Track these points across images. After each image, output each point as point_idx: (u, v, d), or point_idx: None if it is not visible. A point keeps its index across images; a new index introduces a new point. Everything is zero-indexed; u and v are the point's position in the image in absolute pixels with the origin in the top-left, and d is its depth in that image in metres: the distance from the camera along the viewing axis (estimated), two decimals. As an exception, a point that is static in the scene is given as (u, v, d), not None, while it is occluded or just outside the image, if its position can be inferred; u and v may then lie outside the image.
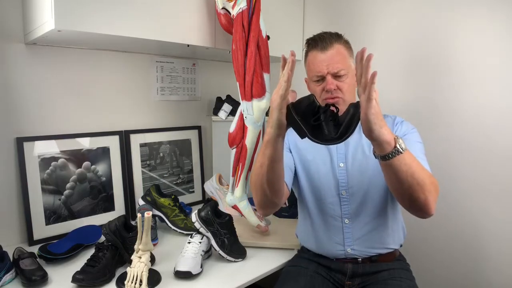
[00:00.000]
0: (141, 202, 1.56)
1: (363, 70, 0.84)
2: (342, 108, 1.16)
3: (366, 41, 1.66)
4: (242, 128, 1.40)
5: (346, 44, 1.22)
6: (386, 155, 0.88)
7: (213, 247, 1.29)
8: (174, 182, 1.86)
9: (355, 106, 0.90)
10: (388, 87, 1.61)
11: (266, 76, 1.35)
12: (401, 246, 1.24)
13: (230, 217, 1.35)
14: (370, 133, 0.86)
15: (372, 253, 1.19)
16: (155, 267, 1.22)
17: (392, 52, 1.60)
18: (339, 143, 0.91)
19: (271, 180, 1.04)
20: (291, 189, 1.26)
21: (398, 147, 0.87)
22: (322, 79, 1.18)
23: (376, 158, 0.93)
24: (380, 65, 1.18)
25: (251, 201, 1.53)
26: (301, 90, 1.99)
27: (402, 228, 1.25)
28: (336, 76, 1.16)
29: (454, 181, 1.45)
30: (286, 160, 1.16)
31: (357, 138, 1.20)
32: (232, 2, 1.33)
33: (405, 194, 0.95)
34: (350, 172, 1.19)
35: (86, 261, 1.17)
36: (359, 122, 0.87)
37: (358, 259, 1.19)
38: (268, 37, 1.39)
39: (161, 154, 1.81)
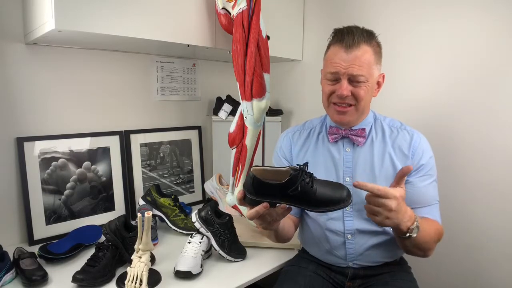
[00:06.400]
0: (141, 202, 1.56)
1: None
2: (351, 119, 1.12)
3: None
4: (242, 128, 1.40)
5: (376, 47, 1.09)
6: (398, 237, 1.01)
7: (213, 247, 1.29)
8: (174, 182, 1.87)
9: (347, 193, 0.89)
10: (388, 87, 1.60)
11: (266, 76, 1.34)
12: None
13: (230, 217, 1.35)
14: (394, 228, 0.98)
15: (374, 264, 1.17)
16: (155, 267, 1.22)
17: (393, 52, 1.60)
18: (321, 212, 0.90)
19: (283, 238, 1.18)
20: None
21: (409, 235, 0.97)
22: (336, 79, 1.08)
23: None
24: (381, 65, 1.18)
25: (251, 201, 1.53)
26: (300, 91, 2.00)
27: None
28: (353, 81, 1.06)
29: (456, 183, 1.45)
30: None
31: (368, 152, 1.15)
32: (232, 2, 1.33)
33: (406, 252, 1.11)
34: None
35: (86, 261, 1.17)
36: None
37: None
38: (268, 37, 1.39)
39: (161, 154, 1.81)
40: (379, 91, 1.17)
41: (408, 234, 0.97)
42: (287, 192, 0.85)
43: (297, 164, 0.87)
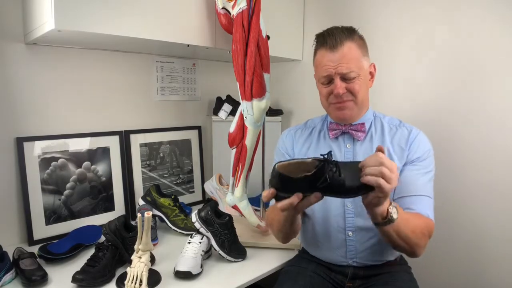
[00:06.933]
0: (141, 202, 1.56)
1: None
2: (352, 113, 1.13)
3: (367, 41, 1.65)
4: (242, 128, 1.40)
5: (360, 41, 1.12)
6: (377, 223, 0.94)
7: (213, 247, 1.29)
8: (174, 182, 1.86)
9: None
10: (389, 87, 1.61)
11: (266, 76, 1.35)
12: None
13: (230, 217, 1.35)
14: (369, 207, 0.91)
15: (374, 263, 1.17)
16: (155, 267, 1.22)
17: (393, 52, 1.60)
18: (351, 197, 0.90)
19: (293, 230, 1.15)
20: None
21: (390, 217, 0.92)
22: (330, 81, 1.11)
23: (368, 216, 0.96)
24: (380, 65, 1.18)
25: (251, 201, 1.53)
26: (300, 91, 2.00)
27: None
28: (345, 78, 1.08)
29: (457, 183, 1.45)
30: None
31: (367, 148, 1.16)
32: (232, 2, 1.33)
33: (393, 246, 1.03)
34: None
35: (86, 261, 1.17)
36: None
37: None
38: (268, 37, 1.39)
39: (161, 154, 1.81)
40: (373, 81, 1.19)
41: (388, 216, 0.92)
42: (316, 184, 0.83)
43: (321, 154, 0.85)
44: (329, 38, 1.09)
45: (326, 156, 0.84)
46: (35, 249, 1.26)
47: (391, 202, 0.94)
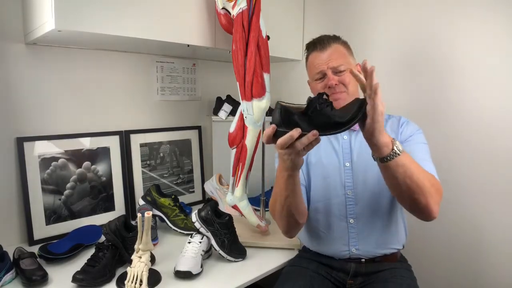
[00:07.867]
0: (141, 202, 1.56)
1: (367, 84, 0.86)
2: (346, 103, 1.16)
3: (367, 42, 1.66)
4: (242, 128, 1.40)
5: (345, 44, 1.25)
6: (384, 158, 0.91)
7: (213, 247, 1.29)
8: (174, 182, 1.87)
9: (362, 101, 0.89)
10: (389, 88, 1.60)
11: (266, 76, 1.35)
12: (403, 246, 1.24)
13: (230, 217, 1.35)
14: (370, 137, 0.90)
15: (376, 254, 1.19)
16: (155, 267, 1.22)
17: (393, 52, 1.60)
18: (347, 128, 0.89)
19: (296, 205, 1.09)
20: None
21: (395, 149, 0.91)
22: (323, 76, 1.20)
23: (374, 160, 0.96)
24: (381, 66, 1.19)
25: (251, 201, 1.53)
26: (300, 91, 2.00)
27: (404, 228, 1.24)
28: (336, 72, 1.18)
29: (456, 182, 1.45)
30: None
31: (362, 138, 1.16)
32: (232, 2, 1.33)
33: (405, 197, 0.98)
34: (356, 172, 1.19)
35: (86, 261, 1.17)
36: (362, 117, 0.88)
37: (362, 260, 1.19)
38: (268, 37, 1.39)
39: (161, 154, 1.81)
40: None
41: (393, 147, 0.90)
42: (310, 115, 0.88)
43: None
44: (318, 43, 1.22)
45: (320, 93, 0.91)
46: (35, 249, 1.26)
47: (393, 140, 0.92)
